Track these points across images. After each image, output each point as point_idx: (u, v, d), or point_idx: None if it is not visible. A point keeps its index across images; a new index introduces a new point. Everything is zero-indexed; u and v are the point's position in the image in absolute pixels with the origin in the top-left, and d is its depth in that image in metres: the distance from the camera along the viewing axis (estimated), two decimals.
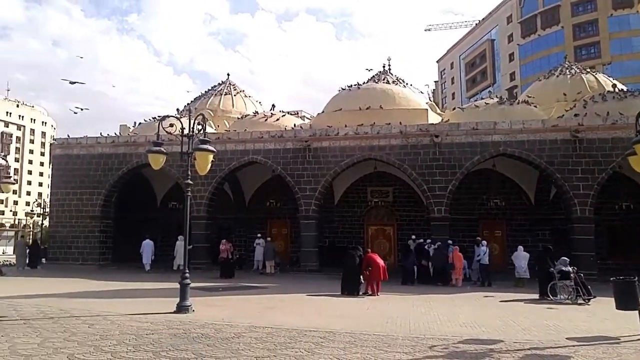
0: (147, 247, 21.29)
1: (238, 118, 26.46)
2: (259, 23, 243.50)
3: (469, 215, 22.27)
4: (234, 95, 29.76)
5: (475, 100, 35.34)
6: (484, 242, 17.36)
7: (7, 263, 25.21)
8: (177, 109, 26.88)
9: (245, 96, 30.60)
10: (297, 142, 21.09)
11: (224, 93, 29.55)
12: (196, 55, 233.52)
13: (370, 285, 13.93)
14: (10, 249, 39.81)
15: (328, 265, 20.29)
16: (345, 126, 20.89)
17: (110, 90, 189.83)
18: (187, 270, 10.38)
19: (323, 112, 25.15)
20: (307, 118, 29.79)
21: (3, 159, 21.29)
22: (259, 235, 22.33)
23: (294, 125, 23.64)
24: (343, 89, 25.50)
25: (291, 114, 28.16)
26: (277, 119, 24.29)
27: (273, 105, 28.06)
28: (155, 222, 24.94)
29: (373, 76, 29.03)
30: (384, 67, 29.54)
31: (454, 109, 27.96)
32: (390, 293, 14.02)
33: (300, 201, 20.74)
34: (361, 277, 13.96)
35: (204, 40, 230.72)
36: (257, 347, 6.96)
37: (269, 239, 21.97)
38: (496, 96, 28.10)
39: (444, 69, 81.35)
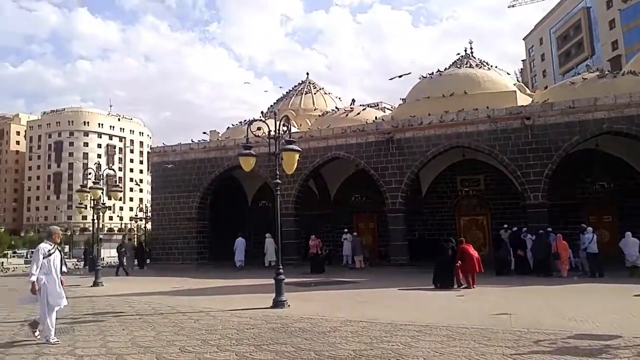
0: (240, 244, 22.47)
1: (319, 115, 26.92)
2: (334, 18, 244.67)
3: (570, 200, 20.63)
4: (314, 93, 30.33)
5: (571, 76, 32.63)
6: (590, 229, 15.96)
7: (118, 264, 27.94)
8: (262, 112, 28.04)
9: (325, 93, 31.05)
10: (379, 135, 20.94)
11: (304, 92, 30.25)
12: (275, 57, 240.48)
13: (465, 278, 13.48)
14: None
15: (418, 259, 19.92)
16: (429, 115, 20.35)
17: (197, 98, 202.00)
18: (281, 267, 10.79)
19: (404, 102, 24.71)
20: (388, 109, 29.47)
21: (111, 169, 23.59)
22: (345, 230, 22.56)
23: (375, 118, 23.51)
24: (424, 77, 24.87)
25: (371, 107, 28.07)
26: (358, 113, 24.32)
27: (353, 100, 28.17)
28: (246, 221, 26.22)
29: (455, 61, 27.98)
30: (465, 50, 28.42)
31: (546, 87, 26.10)
32: (486, 285, 13.47)
33: (386, 194, 20.58)
34: (454, 269, 13.56)
35: (282, 42, 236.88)
36: (354, 340, 7.05)
37: (355, 233, 22.11)
38: (596, 69, 25.70)
39: (532, 46, 75.95)
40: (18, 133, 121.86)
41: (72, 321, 9.23)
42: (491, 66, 26.42)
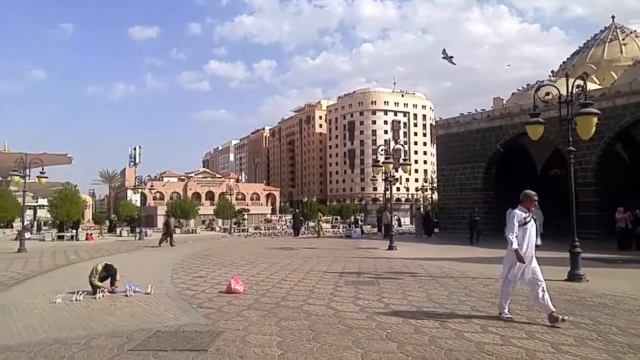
0: (537, 217, 21.55)
1: (629, 66, 22.88)
2: None
3: None
4: (622, 39, 25.79)
5: None
6: None
7: (407, 232, 30.78)
8: (552, 71, 25.71)
9: (637, 37, 25.98)
10: None
11: (608, 40, 26.11)
12: (567, 2, 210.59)
13: None
14: (407, 220, 48.10)
15: None
16: None
17: (477, 64, 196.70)
18: (577, 239, 10.25)
19: None
20: None
21: (399, 144, 26.08)
22: None
23: None
24: None
25: None
26: None
27: None
28: (535, 191, 24.83)
29: None
30: None
31: None
32: None
33: None
34: None
35: None
36: None
37: None
38: None
39: None
40: (320, 117, 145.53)
41: (376, 276, 11.14)
42: None
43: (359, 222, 40.10)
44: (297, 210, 39.55)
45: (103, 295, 8.41)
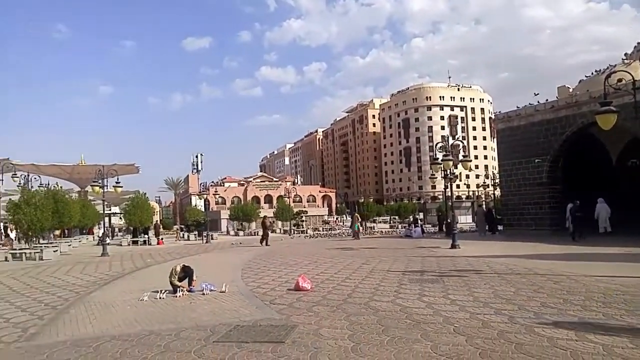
0: (603, 210, 20.59)
1: None
2: None
3: None
4: None
5: None
6: None
7: (469, 230, 30.18)
8: (625, 54, 24.28)
9: None
10: None
11: None
12: None
13: None
14: (468, 218, 46.97)
15: None
16: None
17: (538, 50, 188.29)
18: None
19: None
20: None
21: (458, 140, 25.68)
22: None
23: None
24: None
25: None
26: None
27: None
28: (610, 183, 23.55)
29: None
30: None
31: None
32: None
33: None
34: None
35: None
36: None
37: None
38: None
39: None
40: (373, 116, 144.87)
41: (440, 274, 11.20)
42: None
43: (419, 221, 39.73)
44: (356, 212, 39.82)
45: (183, 294, 9.10)
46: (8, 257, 18.82)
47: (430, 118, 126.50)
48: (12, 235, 24.54)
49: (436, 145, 22.98)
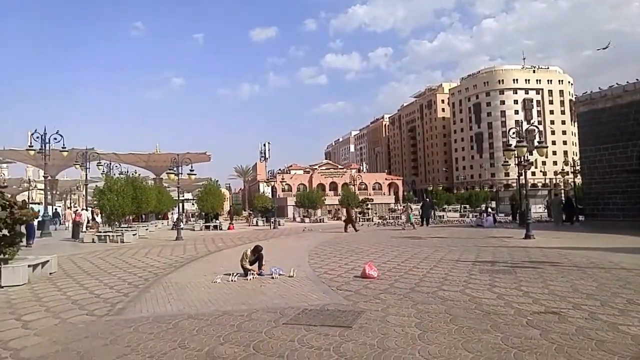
0: None
1: None
2: None
3: None
4: None
5: None
6: None
7: (544, 219, 28.71)
8: None
9: None
10: None
11: None
12: None
13: None
14: (539, 207, 44.51)
15: None
16: None
17: (624, 25, 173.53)
18: None
19: None
20: None
21: (532, 125, 24.38)
22: None
23: None
24: None
25: None
26: None
27: None
28: None
29: None
30: None
31: None
32: None
33: None
34: None
35: None
36: None
37: None
38: None
39: None
40: (443, 101, 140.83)
41: (513, 265, 10.82)
42: None
43: (490, 210, 38.33)
44: (427, 199, 39.05)
45: (253, 277, 9.49)
46: (95, 239, 20.46)
47: (503, 102, 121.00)
48: (99, 219, 26.55)
49: (509, 130, 22.00)
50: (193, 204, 58.15)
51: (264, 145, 39.60)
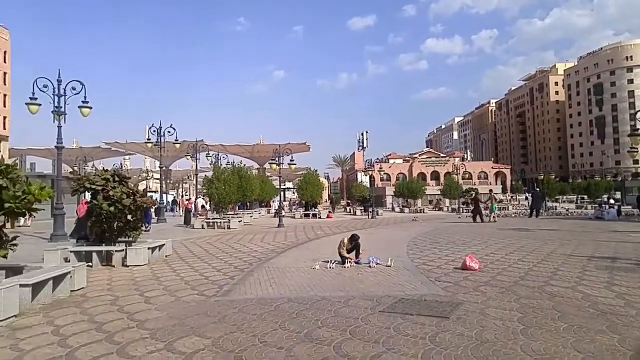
0: None
1: None
2: None
3: None
4: None
5: None
6: None
7: None
8: None
9: None
10: None
11: None
12: None
13: None
14: None
15: None
16: None
17: None
18: None
19: None
20: None
21: None
22: None
23: None
24: None
25: None
26: None
27: None
28: None
29: None
30: None
31: None
32: None
33: None
34: None
35: None
36: None
37: None
38: None
39: None
40: (556, 83, 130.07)
41: (637, 263, 9.86)
42: None
43: (613, 201, 34.90)
44: (537, 189, 36.60)
45: (350, 265, 9.69)
46: (204, 225, 22.12)
47: (631, 81, 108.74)
48: (207, 206, 28.65)
49: (637, 113, 19.79)
50: (293, 193, 60.22)
51: (362, 134, 39.65)
